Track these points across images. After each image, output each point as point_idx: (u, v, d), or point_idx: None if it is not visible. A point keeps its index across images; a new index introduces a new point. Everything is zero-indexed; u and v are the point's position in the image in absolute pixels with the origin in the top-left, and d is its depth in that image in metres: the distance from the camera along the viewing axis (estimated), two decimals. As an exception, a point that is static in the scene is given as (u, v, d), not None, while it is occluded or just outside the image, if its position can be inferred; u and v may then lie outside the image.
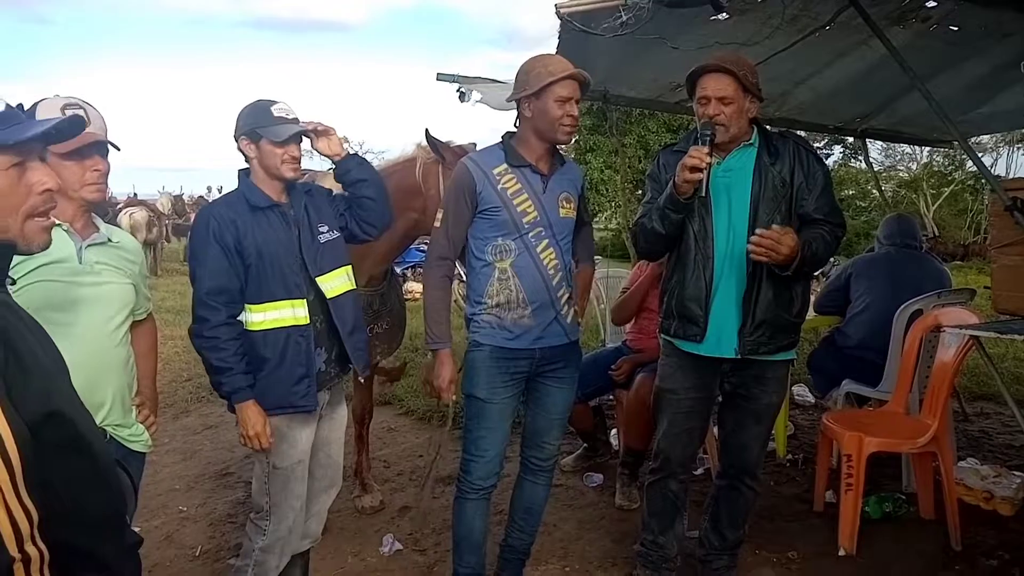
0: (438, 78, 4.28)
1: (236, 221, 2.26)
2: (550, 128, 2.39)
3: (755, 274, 2.46)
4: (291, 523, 2.40)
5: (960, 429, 4.55)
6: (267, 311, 2.29)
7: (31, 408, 0.98)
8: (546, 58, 2.44)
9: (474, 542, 2.60)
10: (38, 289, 1.84)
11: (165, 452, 4.43)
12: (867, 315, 3.97)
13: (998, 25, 3.46)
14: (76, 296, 1.93)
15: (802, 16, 3.27)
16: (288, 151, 2.30)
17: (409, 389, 5.66)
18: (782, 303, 2.49)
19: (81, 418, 1.09)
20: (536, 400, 2.59)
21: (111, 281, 2.04)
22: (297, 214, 2.39)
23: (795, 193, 2.49)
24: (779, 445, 4.19)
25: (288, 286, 2.31)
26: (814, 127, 5.98)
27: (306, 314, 2.32)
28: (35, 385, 1.01)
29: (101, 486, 1.11)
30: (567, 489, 3.86)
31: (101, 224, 2.09)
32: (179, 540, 3.36)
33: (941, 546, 3.11)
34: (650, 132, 20.27)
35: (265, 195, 2.33)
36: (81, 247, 1.98)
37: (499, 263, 2.43)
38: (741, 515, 2.76)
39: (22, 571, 0.97)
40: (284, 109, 2.33)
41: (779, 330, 2.51)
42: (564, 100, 2.35)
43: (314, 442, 2.47)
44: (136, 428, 2.13)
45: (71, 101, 1.93)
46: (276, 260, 2.29)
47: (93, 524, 1.09)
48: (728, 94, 2.40)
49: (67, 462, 1.04)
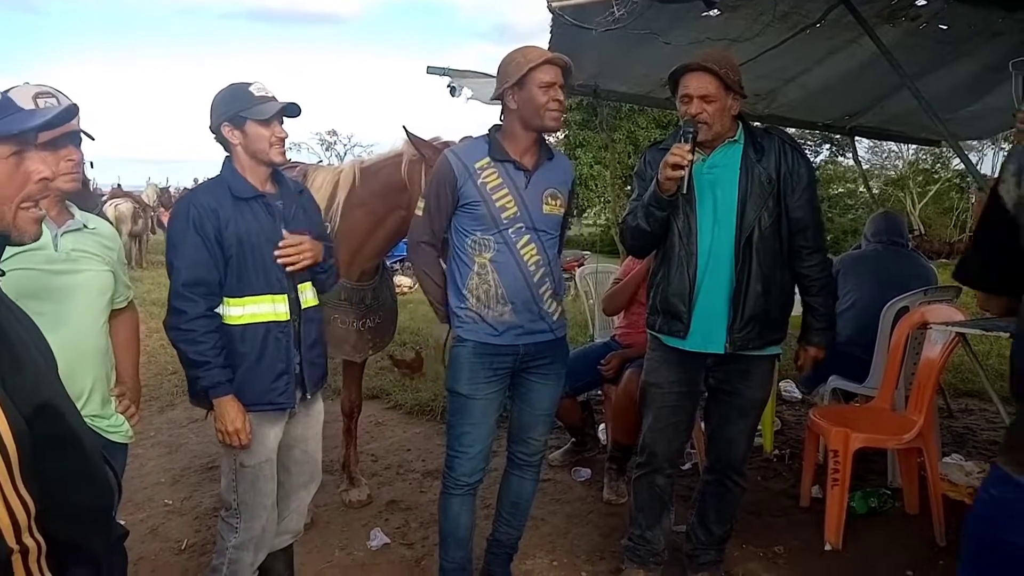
0: (428, 71, 4.26)
1: (218, 210, 2.19)
2: (536, 115, 2.36)
3: (743, 270, 2.47)
4: (263, 521, 2.35)
5: (945, 425, 4.59)
6: (246, 305, 2.23)
7: (24, 400, 0.98)
8: (525, 48, 2.41)
9: (460, 537, 2.59)
10: (14, 278, 1.81)
11: (150, 445, 4.40)
12: (854, 312, 4.00)
13: (987, 25, 3.49)
14: (53, 285, 1.91)
15: (793, 13, 3.28)
16: (275, 131, 2.23)
17: (397, 383, 5.64)
18: (770, 299, 2.50)
19: (70, 411, 1.09)
20: (521, 396, 2.58)
21: (88, 269, 2.02)
22: (287, 210, 2.33)
23: (780, 188, 2.50)
24: (766, 440, 4.22)
25: (270, 280, 2.25)
26: (803, 124, 6.01)
27: (287, 310, 2.27)
28: (27, 377, 1.01)
29: (90, 479, 1.11)
30: (555, 483, 3.86)
31: (76, 211, 2.07)
32: (164, 533, 3.34)
33: (926, 541, 3.13)
34: (640, 128, 20.32)
35: (249, 184, 2.26)
36: (57, 235, 1.95)
37: (478, 257, 2.42)
38: (728, 510, 2.77)
39: (20, 562, 0.97)
40: (262, 88, 2.25)
41: (767, 326, 2.52)
42: (547, 85, 2.33)
43: (290, 439, 2.43)
44: (115, 419, 2.10)
45: (43, 90, 1.88)
46: (258, 252, 2.23)
47: (83, 517, 1.08)
48: (710, 92, 2.40)
49: (57, 455, 1.03)
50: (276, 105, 2.22)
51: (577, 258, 10.95)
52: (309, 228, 2.39)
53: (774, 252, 2.49)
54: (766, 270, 2.47)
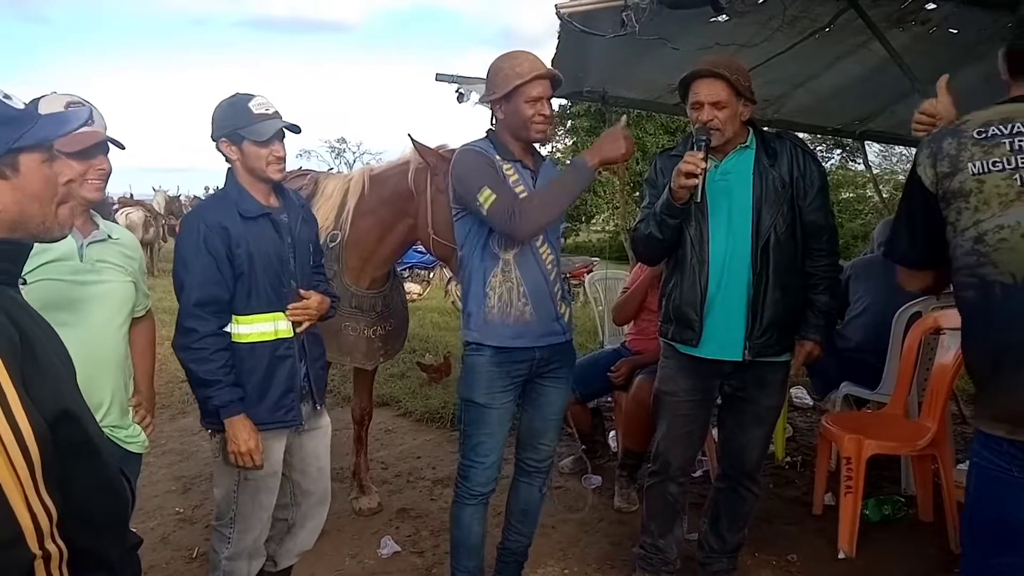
0: (437, 78, 4.28)
1: (228, 228, 2.16)
2: (522, 128, 2.37)
3: (761, 276, 2.45)
4: (256, 534, 2.35)
5: (959, 432, 4.54)
6: (254, 323, 2.21)
7: (46, 407, 0.99)
8: (514, 57, 2.38)
9: (472, 546, 2.58)
10: (42, 288, 1.83)
11: (162, 453, 4.41)
12: (866, 317, 3.97)
13: (997, 29, 3.46)
14: (78, 295, 1.93)
15: (802, 18, 3.28)
16: (273, 151, 2.19)
17: (407, 390, 5.64)
18: (788, 304, 2.49)
19: (89, 420, 1.10)
20: (532, 401, 2.57)
21: (112, 280, 2.03)
22: (292, 223, 2.32)
23: (794, 193, 2.49)
24: (778, 447, 4.19)
25: (280, 296, 2.25)
26: (813, 129, 6.00)
27: (288, 326, 2.26)
28: (49, 385, 1.02)
29: (107, 488, 1.11)
30: (566, 491, 3.84)
31: (100, 221, 2.08)
32: (175, 542, 3.34)
33: (940, 548, 3.10)
34: (647, 134, 20.28)
35: (256, 202, 2.23)
36: (83, 245, 1.97)
37: (503, 254, 2.40)
38: (741, 518, 2.75)
39: (43, 568, 0.97)
40: (263, 104, 2.19)
41: (785, 331, 2.52)
42: (535, 100, 2.32)
43: (306, 454, 2.44)
44: (133, 429, 2.11)
45: (74, 99, 1.92)
46: (268, 270, 2.22)
47: (99, 526, 1.09)
48: (721, 99, 2.40)
49: (76, 463, 1.04)
50: (273, 125, 2.17)
51: (586, 264, 10.94)
52: (310, 240, 2.41)
53: (790, 257, 2.48)
54: (783, 276, 2.46)
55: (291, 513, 2.51)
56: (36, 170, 1.10)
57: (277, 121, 2.19)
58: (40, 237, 1.15)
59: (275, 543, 2.52)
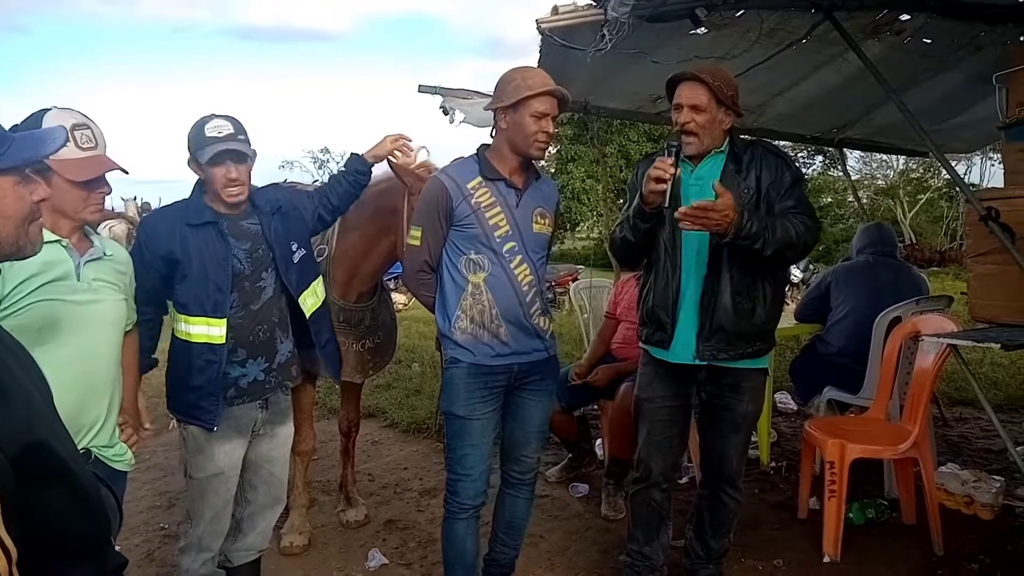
0: (420, 90, 4.28)
1: (172, 233, 2.32)
2: (523, 142, 2.39)
3: (711, 278, 2.47)
4: (201, 532, 2.47)
5: (940, 435, 4.61)
6: (191, 324, 2.35)
7: (10, 438, 0.94)
8: (527, 71, 2.43)
9: (467, 562, 2.56)
10: (41, 308, 1.83)
11: (146, 468, 4.38)
12: (847, 323, 4.02)
13: (970, 39, 3.54)
14: (76, 315, 1.91)
15: (779, 30, 3.32)
16: (227, 172, 2.30)
17: (393, 401, 5.64)
18: (740, 310, 2.47)
19: (63, 445, 1.06)
20: (513, 413, 2.57)
21: (107, 299, 2.02)
22: (266, 229, 2.44)
23: (764, 197, 2.49)
24: (762, 453, 4.23)
25: (215, 303, 2.34)
26: (792, 137, 6.06)
27: (222, 333, 2.35)
28: (16, 414, 0.98)
29: (83, 513, 1.08)
30: (553, 500, 3.86)
31: (95, 238, 2.08)
32: (160, 558, 3.32)
33: (923, 551, 3.14)
34: (631, 142, 20.44)
35: (209, 209, 2.36)
36: (80, 263, 1.96)
37: (472, 277, 2.42)
38: (725, 524, 2.77)
39: None
40: (218, 127, 2.31)
41: (738, 337, 2.49)
42: (540, 116, 2.35)
43: (258, 457, 2.54)
44: (120, 447, 2.10)
45: (81, 121, 1.94)
46: (205, 277, 2.32)
47: (74, 552, 1.06)
48: (700, 103, 2.43)
49: (48, 492, 1.00)
50: (215, 148, 2.28)
51: (571, 272, 10.97)
52: (290, 240, 2.51)
53: (753, 263, 2.44)
54: (739, 281, 2.46)
55: (239, 510, 2.60)
56: (10, 192, 1.10)
57: (218, 145, 2.29)
58: (11, 256, 1.15)
59: (228, 540, 2.60)
